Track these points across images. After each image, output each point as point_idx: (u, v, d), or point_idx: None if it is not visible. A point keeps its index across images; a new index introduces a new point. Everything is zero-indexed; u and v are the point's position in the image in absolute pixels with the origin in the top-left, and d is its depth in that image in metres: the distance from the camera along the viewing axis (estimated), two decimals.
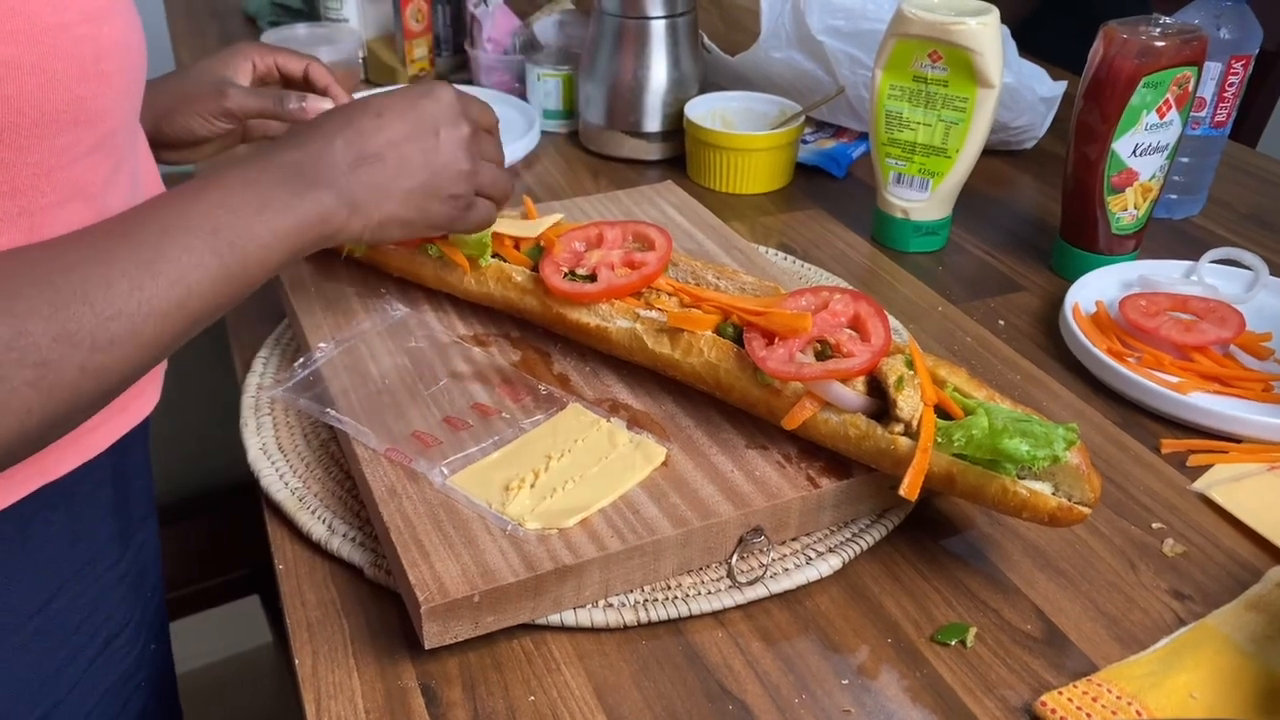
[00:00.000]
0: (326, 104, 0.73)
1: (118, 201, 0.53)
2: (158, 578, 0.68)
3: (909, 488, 0.55)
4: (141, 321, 0.45)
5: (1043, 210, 1.05)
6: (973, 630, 0.56)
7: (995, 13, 0.86)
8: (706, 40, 1.20)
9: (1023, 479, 0.56)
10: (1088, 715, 0.50)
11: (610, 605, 0.56)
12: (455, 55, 1.37)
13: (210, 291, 0.48)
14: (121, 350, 0.45)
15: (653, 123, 1.11)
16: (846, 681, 0.53)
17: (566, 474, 0.59)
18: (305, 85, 0.78)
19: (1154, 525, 0.64)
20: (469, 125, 0.62)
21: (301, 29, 1.32)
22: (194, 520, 1.15)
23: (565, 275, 0.70)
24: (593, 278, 0.69)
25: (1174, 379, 0.75)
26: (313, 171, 0.55)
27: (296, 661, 0.53)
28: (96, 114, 0.48)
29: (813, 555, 0.59)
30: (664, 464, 0.61)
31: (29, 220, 0.47)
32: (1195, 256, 0.88)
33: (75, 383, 0.43)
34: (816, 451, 0.62)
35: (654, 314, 0.67)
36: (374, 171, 0.57)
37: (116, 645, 0.61)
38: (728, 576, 0.58)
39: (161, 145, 0.73)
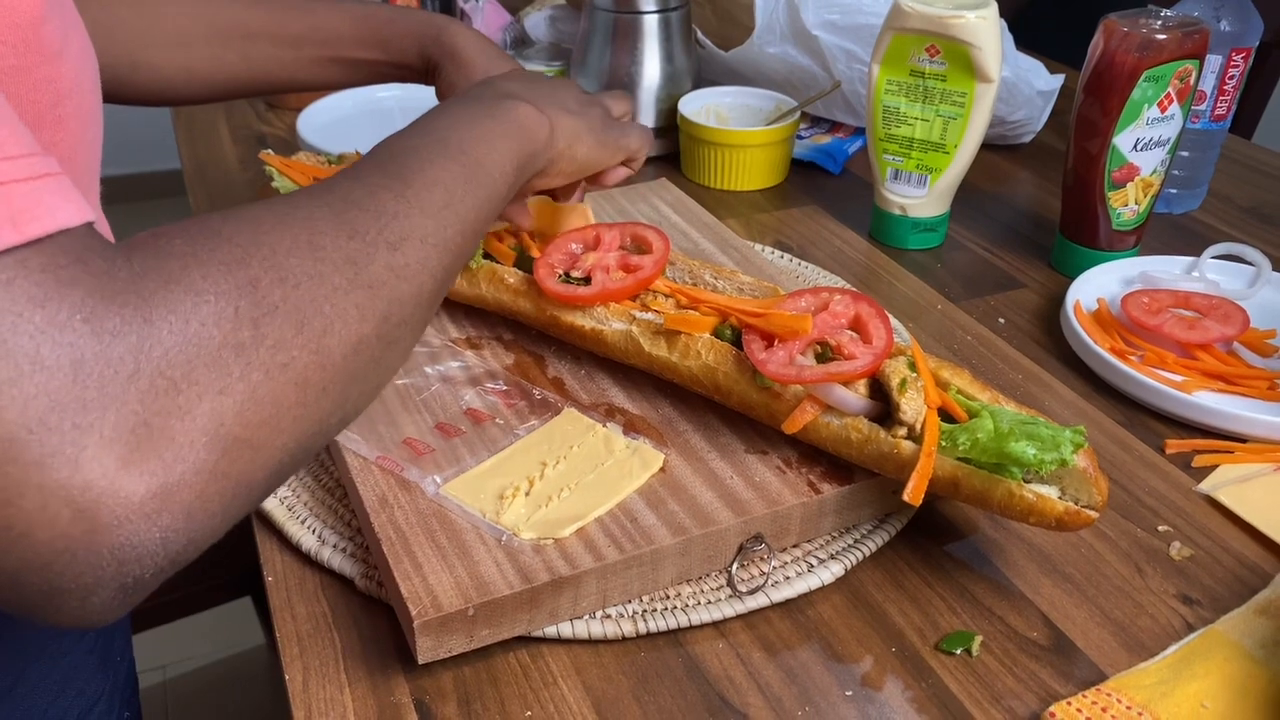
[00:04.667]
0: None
1: None
2: (126, 640, 0.66)
3: (913, 493, 0.54)
4: (419, 220, 0.44)
5: (1041, 206, 1.04)
6: (978, 638, 0.54)
7: (994, 6, 0.85)
8: (700, 35, 1.19)
9: (1028, 483, 0.55)
10: None
11: (608, 616, 0.54)
12: None
13: (464, 191, 0.48)
14: (414, 250, 0.43)
15: (646, 119, 1.10)
16: (850, 693, 0.52)
17: (562, 481, 0.58)
18: None
19: (1160, 528, 0.63)
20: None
21: None
22: None
23: (559, 277, 0.68)
24: (588, 280, 0.68)
25: (1178, 377, 0.73)
26: (501, 94, 0.58)
27: (287, 677, 0.52)
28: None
29: (814, 563, 0.58)
30: (662, 470, 0.59)
31: None
32: (1196, 252, 0.87)
33: (390, 283, 0.41)
34: (817, 456, 0.60)
35: (650, 316, 0.65)
36: (542, 92, 0.61)
37: (93, 718, 0.60)
38: (728, 585, 0.56)
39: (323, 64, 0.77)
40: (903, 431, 0.56)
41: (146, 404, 0.31)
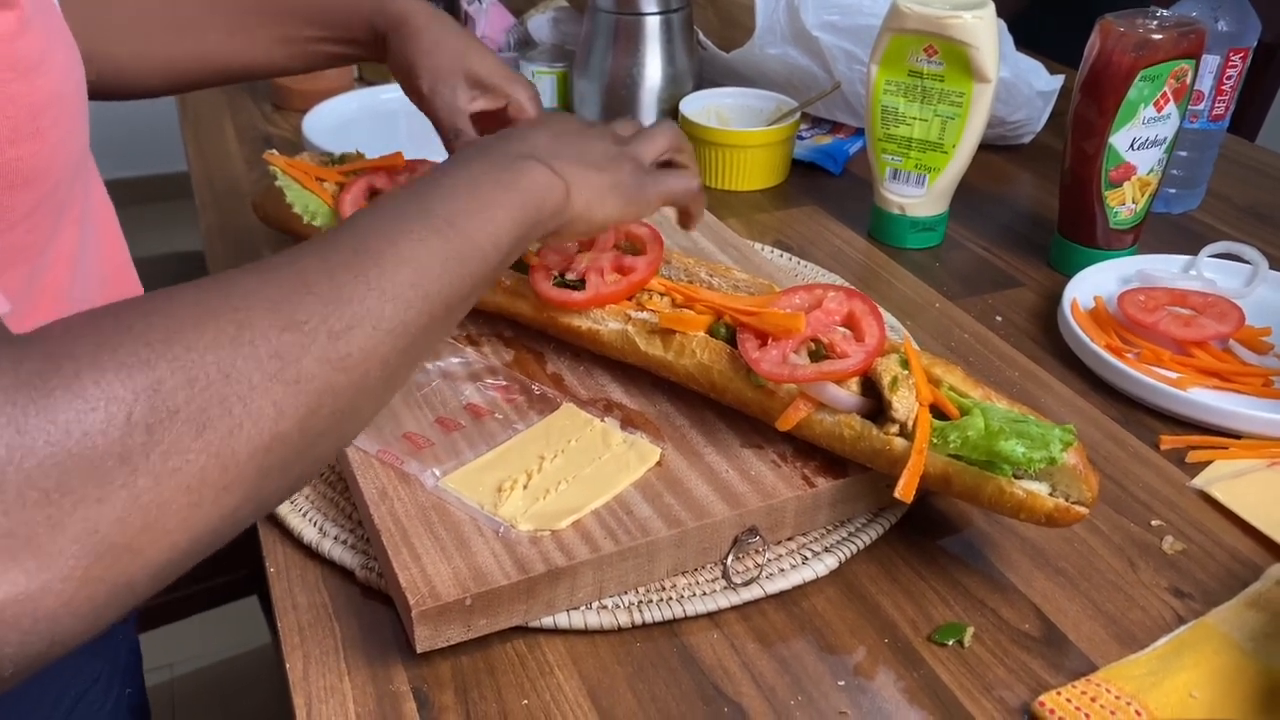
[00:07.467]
0: None
1: (64, 251, 0.50)
2: (128, 620, 0.66)
3: (904, 489, 0.55)
4: (376, 305, 0.41)
5: (1041, 205, 1.04)
6: (970, 630, 0.55)
7: (991, 7, 0.85)
8: (701, 36, 1.19)
9: (1019, 479, 0.55)
10: (1086, 716, 0.49)
11: (604, 607, 0.55)
12: None
13: (441, 270, 0.45)
14: (360, 338, 0.40)
15: (648, 119, 1.10)
16: (843, 683, 0.52)
17: (560, 475, 0.59)
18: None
19: (1153, 523, 0.63)
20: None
21: None
22: None
23: (555, 279, 0.69)
24: (582, 282, 0.68)
25: (1173, 374, 0.74)
26: (516, 153, 0.54)
27: (287, 665, 0.53)
28: (35, 173, 0.45)
29: (809, 555, 0.59)
30: (658, 464, 0.60)
31: None
32: (1194, 251, 0.87)
33: (322, 376, 0.39)
34: (813, 450, 0.61)
35: (646, 315, 0.66)
36: (566, 145, 0.58)
37: (90, 699, 0.60)
38: (723, 577, 0.57)
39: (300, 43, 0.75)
40: (895, 428, 0.57)
41: (12, 515, 0.31)
